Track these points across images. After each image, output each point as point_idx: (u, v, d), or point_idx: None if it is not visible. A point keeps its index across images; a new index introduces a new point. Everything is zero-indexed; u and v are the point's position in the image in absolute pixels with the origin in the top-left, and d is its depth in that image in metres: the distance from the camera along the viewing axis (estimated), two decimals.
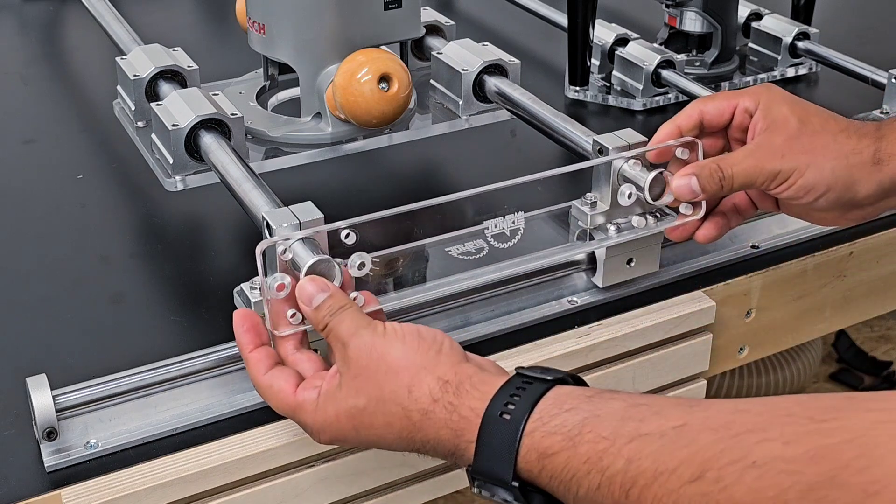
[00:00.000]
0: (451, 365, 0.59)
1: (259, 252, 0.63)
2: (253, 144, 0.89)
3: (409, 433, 0.58)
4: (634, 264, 0.79)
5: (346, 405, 0.60)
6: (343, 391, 0.60)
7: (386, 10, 0.89)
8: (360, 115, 0.86)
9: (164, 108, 0.85)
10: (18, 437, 0.67)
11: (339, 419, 0.60)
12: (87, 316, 0.80)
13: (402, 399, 0.58)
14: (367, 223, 0.65)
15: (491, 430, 0.55)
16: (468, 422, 0.56)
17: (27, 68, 1.27)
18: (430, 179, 1.03)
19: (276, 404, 0.63)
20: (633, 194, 0.74)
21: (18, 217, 0.94)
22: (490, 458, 0.55)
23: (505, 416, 0.55)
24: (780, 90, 0.75)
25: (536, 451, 0.54)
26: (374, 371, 0.59)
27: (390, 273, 0.71)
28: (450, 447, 0.57)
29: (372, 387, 0.59)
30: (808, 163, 0.70)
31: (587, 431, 0.53)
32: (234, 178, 0.77)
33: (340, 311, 0.62)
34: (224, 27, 1.36)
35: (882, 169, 0.71)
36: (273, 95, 0.97)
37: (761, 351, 0.87)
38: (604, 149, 0.76)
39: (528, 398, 0.56)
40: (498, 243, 0.71)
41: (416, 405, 0.58)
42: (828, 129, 0.72)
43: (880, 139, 0.72)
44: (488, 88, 0.93)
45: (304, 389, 0.62)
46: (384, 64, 0.86)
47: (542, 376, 0.57)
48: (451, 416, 0.57)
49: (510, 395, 0.56)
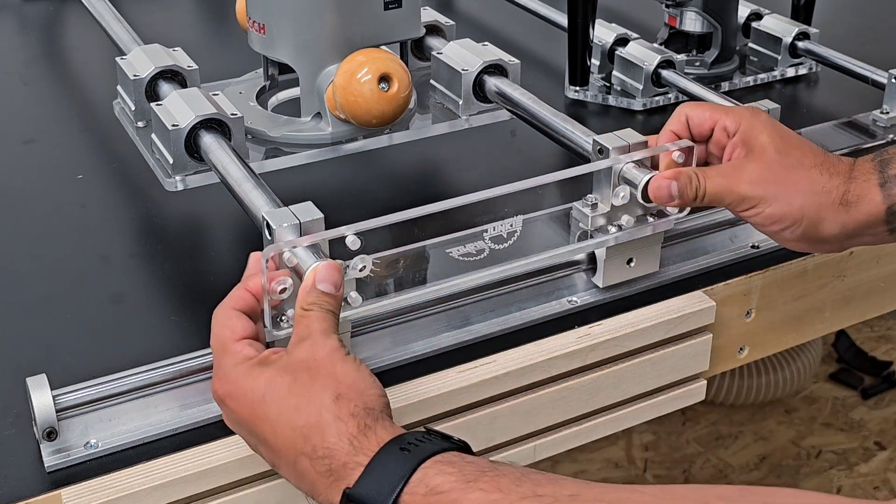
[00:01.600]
0: (383, 406, 0.60)
1: (263, 259, 0.63)
2: (253, 144, 0.89)
3: (310, 430, 0.57)
4: (634, 264, 0.79)
5: (270, 373, 0.59)
6: (278, 364, 0.60)
7: (386, 10, 0.89)
8: (360, 115, 0.86)
9: (164, 108, 0.85)
10: (18, 437, 0.67)
11: (253, 381, 0.60)
12: (87, 316, 0.80)
13: (325, 399, 0.58)
14: (373, 229, 0.65)
15: (387, 458, 0.55)
16: (371, 444, 0.56)
17: (27, 68, 1.27)
18: (431, 179, 1.03)
19: (215, 333, 0.63)
20: (626, 195, 0.74)
21: (18, 217, 0.94)
22: (375, 481, 0.55)
23: (406, 450, 0.55)
24: (764, 116, 0.75)
25: (426, 485, 0.54)
26: (318, 367, 0.59)
27: (391, 274, 0.71)
28: (340, 461, 0.56)
29: (305, 375, 0.59)
30: (777, 195, 0.71)
31: (484, 480, 0.53)
32: (234, 178, 0.77)
33: (328, 312, 0.62)
34: (224, 27, 1.36)
35: (848, 211, 0.72)
36: (273, 95, 0.97)
37: (761, 351, 0.87)
38: (604, 149, 0.76)
39: (436, 443, 0.56)
40: (496, 245, 0.71)
41: (334, 409, 0.57)
42: (803, 164, 0.72)
43: (851, 180, 0.72)
44: (488, 88, 0.93)
45: (248, 345, 0.62)
46: (384, 64, 0.86)
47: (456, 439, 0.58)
48: (359, 434, 0.57)
49: (417, 438, 0.57)
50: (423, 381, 0.72)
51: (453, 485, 0.53)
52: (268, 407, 0.59)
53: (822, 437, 1.90)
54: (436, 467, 0.54)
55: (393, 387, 0.71)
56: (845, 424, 1.93)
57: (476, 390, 0.72)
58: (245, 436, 0.62)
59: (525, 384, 0.74)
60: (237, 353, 0.62)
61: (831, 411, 1.96)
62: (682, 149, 0.74)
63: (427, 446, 0.56)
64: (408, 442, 0.56)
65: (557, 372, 0.75)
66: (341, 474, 0.56)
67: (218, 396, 0.62)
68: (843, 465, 1.84)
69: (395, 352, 0.74)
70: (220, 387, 0.62)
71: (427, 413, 0.71)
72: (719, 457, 1.86)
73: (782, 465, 1.84)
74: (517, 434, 0.75)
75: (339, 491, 0.56)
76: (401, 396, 0.70)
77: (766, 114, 0.76)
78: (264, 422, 0.59)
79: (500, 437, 0.74)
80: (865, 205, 0.72)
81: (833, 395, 2.00)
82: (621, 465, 1.84)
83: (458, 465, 0.55)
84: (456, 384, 0.71)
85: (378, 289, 0.69)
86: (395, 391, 0.70)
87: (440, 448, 0.56)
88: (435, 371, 0.73)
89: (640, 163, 0.75)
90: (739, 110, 0.76)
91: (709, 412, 1.95)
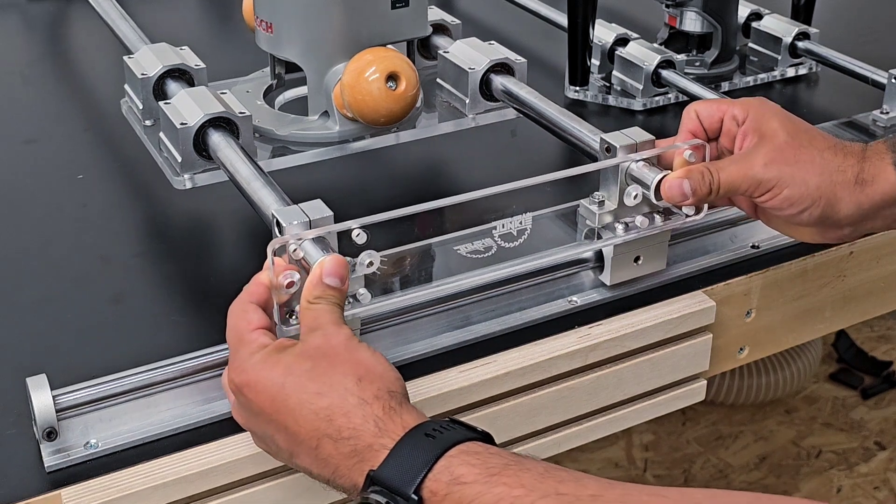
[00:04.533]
0: (403, 390, 0.60)
1: (271, 250, 0.63)
2: (260, 143, 0.89)
3: (334, 412, 0.57)
4: (642, 262, 0.79)
5: (288, 360, 0.59)
6: (294, 351, 0.60)
7: (393, 9, 0.89)
8: (367, 114, 0.86)
9: (172, 106, 0.85)
10: (18, 437, 0.67)
11: (271, 370, 0.59)
12: (88, 316, 0.80)
13: (347, 383, 0.58)
14: (379, 223, 0.65)
15: (413, 442, 0.55)
16: (396, 428, 0.56)
17: (31, 67, 1.27)
18: (437, 178, 1.03)
19: (230, 325, 0.63)
20: (639, 195, 0.74)
21: (20, 216, 0.94)
22: (400, 466, 0.55)
23: (430, 437, 0.55)
24: (772, 105, 0.76)
25: (450, 473, 0.54)
26: (336, 354, 0.59)
27: (398, 271, 0.71)
28: (365, 442, 0.56)
29: (324, 361, 0.59)
30: (793, 175, 0.71)
31: (508, 474, 0.53)
32: (243, 176, 0.77)
33: (335, 305, 0.62)
34: (231, 26, 1.36)
35: (864, 190, 0.72)
36: (280, 94, 0.97)
37: (761, 351, 0.87)
38: (611, 147, 0.76)
39: (461, 432, 0.56)
40: (505, 243, 0.71)
41: (357, 391, 0.58)
42: (815, 146, 0.73)
43: (864, 160, 0.73)
44: (495, 87, 0.93)
45: (263, 335, 0.62)
46: (392, 62, 0.86)
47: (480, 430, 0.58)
48: (385, 416, 0.57)
49: (442, 426, 0.57)
50: (423, 381, 0.72)
51: (477, 476, 0.53)
52: (288, 394, 0.59)
53: (822, 437, 1.90)
54: (460, 457, 0.54)
55: None
56: (845, 424, 1.93)
57: (476, 390, 0.72)
58: (258, 427, 0.61)
59: (525, 384, 0.74)
60: (252, 342, 0.61)
61: (831, 411, 1.96)
62: (694, 147, 0.74)
63: (452, 434, 0.56)
64: (433, 429, 0.56)
65: (558, 372, 0.75)
66: (366, 456, 0.56)
67: (235, 386, 0.61)
68: (843, 465, 1.84)
69: (396, 351, 0.74)
70: (236, 376, 0.61)
71: (427, 413, 0.70)
72: (719, 457, 1.86)
73: (782, 465, 1.84)
74: (517, 434, 0.75)
75: (362, 473, 0.56)
76: None
77: (771, 101, 0.76)
78: (284, 409, 0.59)
79: (500, 437, 0.74)
80: (881, 184, 0.72)
81: (833, 395, 2.00)
82: (621, 465, 1.84)
83: (483, 455, 0.55)
84: (456, 384, 0.71)
85: (385, 287, 0.69)
86: None
87: (465, 437, 0.56)
88: (435, 371, 0.73)
89: (648, 162, 0.75)
90: (747, 100, 0.76)
91: (709, 412, 1.95)
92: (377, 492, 0.55)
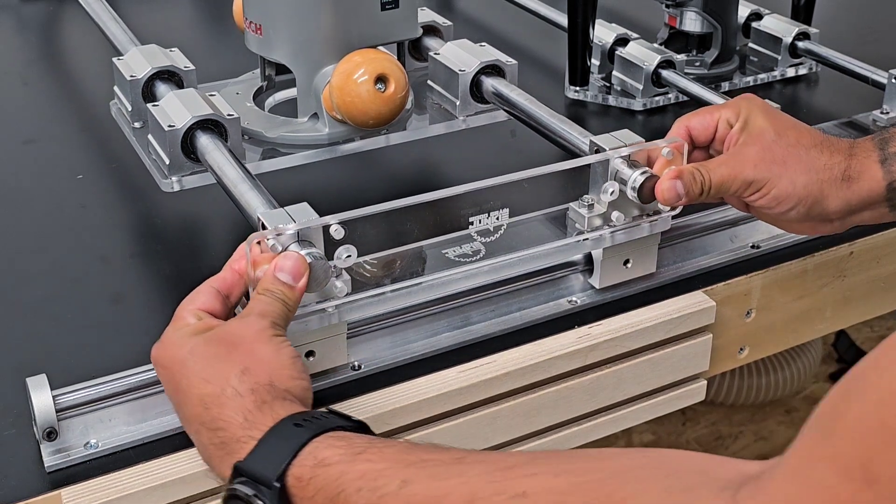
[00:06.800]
0: (297, 389, 0.60)
1: (248, 245, 0.64)
2: (250, 145, 0.89)
3: (211, 402, 0.59)
4: (631, 265, 0.79)
5: (195, 343, 0.61)
6: (206, 335, 0.61)
7: (383, 11, 0.89)
8: (356, 116, 0.86)
9: (160, 108, 0.85)
10: (18, 437, 0.67)
11: (179, 349, 0.61)
12: (87, 316, 0.80)
13: (232, 372, 0.59)
14: (357, 219, 0.65)
15: (280, 433, 0.56)
16: (266, 420, 0.57)
17: (25, 68, 1.27)
18: (428, 180, 1.03)
19: (181, 306, 0.65)
20: (615, 191, 0.74)
21: (18, 217, 0.94)
22: (265, 456, 0.55)
23: (299, 426, 0.56)
24: (759, 101, 0.77)
25: (314, 458, 0.54)
26: (239, 343, 0.60)
27: (387, 274, 0.71)
28: (233, 435, 0.57)
29: (224, 348, 0.60)
30: (781, 174, 0.73)
31: (372, 452, 0.54)
32: (230, 179, 0.77)
33: (279, 301, 0.63)
34: (221, 28, 1.36)
35: (850, 187, 0.73)
36: (270, 96, 0.97)
37: (761, 351, 0.87)
38: (600, 149, 0.76)
39: (333, 420, 0.57)
40: (484, 239, 0.71)
41: (236, 383, 0.58)
42: (802, 143, 0.74)
43: (851, 157, 0.74)
44: (485, 89, 0.93)
45: (194, 315, 0.63)
46: (381, 64, 0.86)
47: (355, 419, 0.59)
48: (255, 409, 0.57)
49: (314, 416, 0.57)
50: (423, 381, 0.72)
51: (342, 457, 0.54)
52: (184, 374, 0.60)
53: None
54: (326, 441, 0.55)
55: (393, 387, 0.71)
56: None
57: (476, 390, 0.72)
58: (168, 398, 0.63)
59: (525, 384, 0.74)
60: (180, 320, 0.63)
61: None
62: (672, 145, 0.75)
63: (322, 423, 0.56)
64: (303, 419, 0.56)
65: (557, 372, 0.75)
66: (233, 448, 0.57)
67: (152, 358, 0.64)
68: None
69: (395, 352, 0.74)
70: (154, 349, 0.63)
71: (427, 413, 0.71)
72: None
73: None
74: (517, 434, 0.75)
75: (229, 465, 0.56)
76: (401, 396, 0.70)
77: (758, 97, 0.77)
78: (178, 389, 0.61)
79: (500, 437, 0.74)
80: (867, 181, 0.73)
81: None
82: None
83: (349, 438, 0.55)
84: (456, 384, 0.71)
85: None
86: (395, 391, 0.70)
87: (335, 425, 0.56)
88: (435, 371, 0.73)
89: (632, 162, 0.75)
90: (733, 101, 0.78)
91: (709, 412, 1.94)
92: (242, 482, 0.55)
